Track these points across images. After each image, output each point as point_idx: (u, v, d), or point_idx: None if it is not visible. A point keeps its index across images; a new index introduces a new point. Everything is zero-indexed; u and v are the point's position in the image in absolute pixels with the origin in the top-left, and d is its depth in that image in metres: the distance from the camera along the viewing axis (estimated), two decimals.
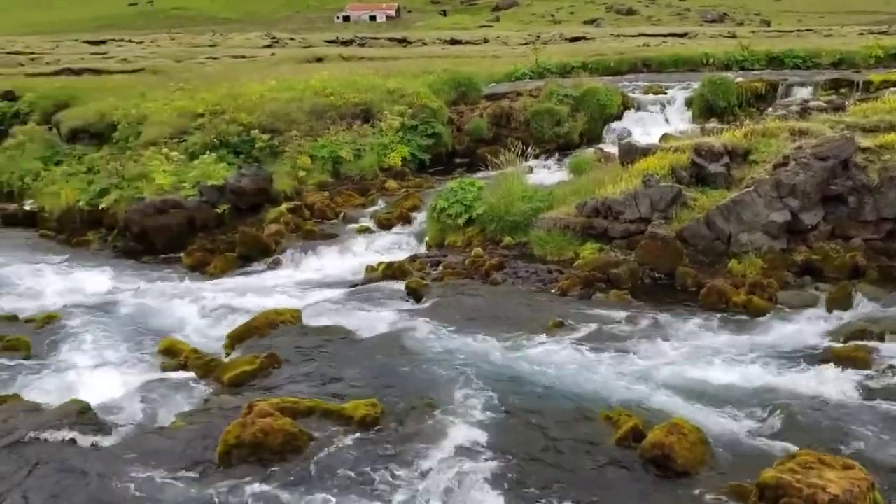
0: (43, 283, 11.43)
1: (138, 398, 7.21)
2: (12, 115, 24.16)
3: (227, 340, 8.56)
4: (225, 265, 11.88)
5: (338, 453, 6.11)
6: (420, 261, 11.08)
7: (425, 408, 6.75)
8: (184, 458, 6.06)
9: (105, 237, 13.97)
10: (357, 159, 16.01)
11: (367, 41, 57.57)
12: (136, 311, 10.00)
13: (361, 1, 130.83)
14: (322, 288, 10.60)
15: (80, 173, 16.02)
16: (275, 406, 6.42)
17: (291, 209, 13.61)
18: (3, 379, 7.81)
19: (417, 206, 13.42)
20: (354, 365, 7.70)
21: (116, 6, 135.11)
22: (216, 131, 15.76)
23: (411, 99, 18.00)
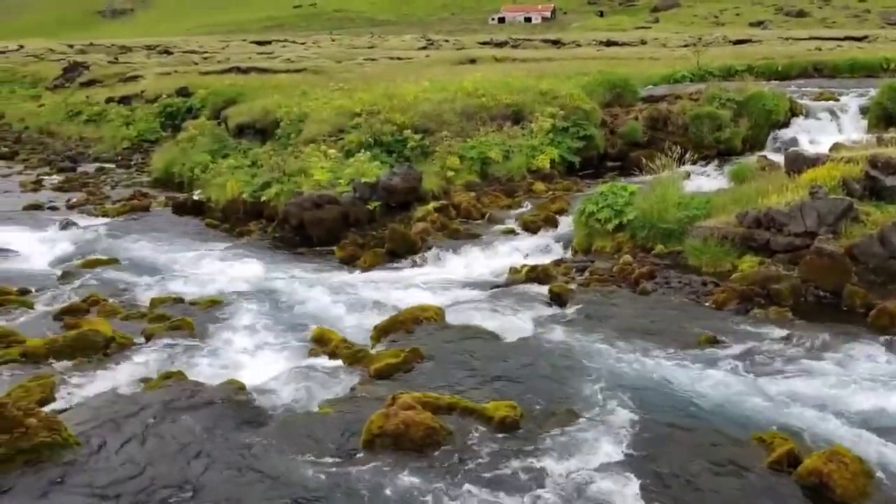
0: (207, 269, 12.18)
1: (289, 382, 7.52)
2: (186, 111, 26.05)
3: (373, 332, 8.78)
4: (374, 260, 12.19)
5: (475, 452, 6.12)
6: (565, 265, 10.92)
7: (565, 415, 6.64)
8: (329, 443, 6.26)
9: (265, 228, 14.67)
10: (505, 160, 16.01)
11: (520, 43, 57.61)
12: (291, 299, 10.44)
13: (517, 2, 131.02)
14: (465, 287, 10.66)
15: (244, 167, 16.93)
16: (417, 400, 6.51)
17: (438, 208, 13.80)
18: (169, 356, 8.35)
19: (565, 210, 13.25)
20: (495, 366, 7.68)
21: (282, 8, 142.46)
22: (371, 130, 16.23)
23: (564, 100, 17.80)
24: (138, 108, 28.54)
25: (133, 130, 26.69)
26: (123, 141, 26.30)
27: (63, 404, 7.16)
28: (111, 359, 8.28)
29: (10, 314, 10.07)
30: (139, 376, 7.79)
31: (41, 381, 7.45)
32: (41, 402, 6.93)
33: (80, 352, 8.30)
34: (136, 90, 31.25)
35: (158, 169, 20.65)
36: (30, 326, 9.48)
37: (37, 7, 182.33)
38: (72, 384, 7.62)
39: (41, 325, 9.58)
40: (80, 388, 7.53)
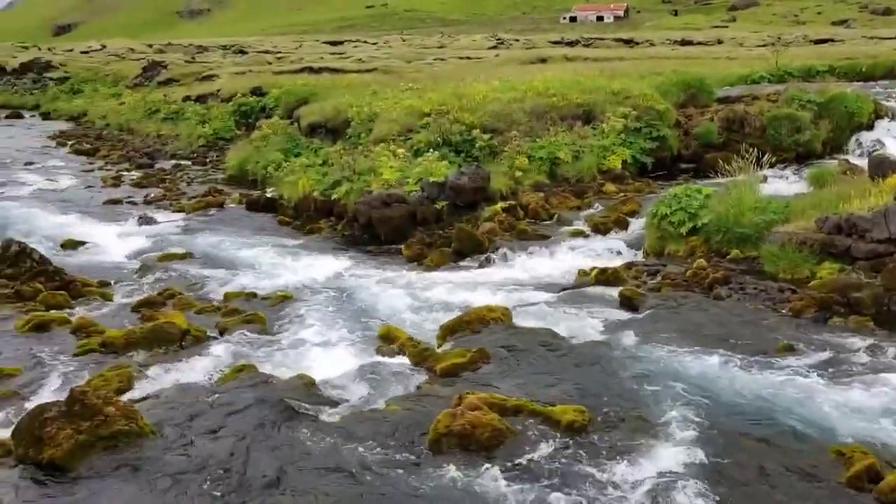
0: (279, 265, 12.40)
1: (357, 378, 7.60)
2: (259, 110, 26.56)
3: (439, 331, 8.79)
4: (440, 259, 12.21)
5: (542, 455, 6.06)
6: (636, 268, 10.73)
7: (634, 421, 6.52)
8: (396, 440, 6.29)
9: (335, 226, 14.86)
10: (575, 161, 15.83)
11: (592, 42, 57.02)
12: (358, 295, 10.55)
13: (589, 1, 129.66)
14: (532, 288, 10.58)
15: (315, 165, 17.17)
16: (483, 400, 6.48)
17: (506, 208, 13.73)
18: (242, 349, 8.54)
19: (636, 212, 13.02)
20: (562, 369, 7.60)
21: (354, 8, 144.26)
22: (440, 130, 16.27)
23: (636, 100, 17.50)
24: (214, 107, 29.25)
25: (209, 129, 27.36)
26: (199, 139, 26.99)
27: (139, 394, 7.39)
28: (186, 351, 8.52)
29: (91, 305, 10.46)
30: (212, 368, 7.99)
31: (119, 371, 7.71)
32: (119, 392, 7.17)
33: (156, 343, 8.56)
34: (211, 89, 32.05)
35: (233, 166, 21.12)
36: (109, 317, 9.83)
37: (122, 8, 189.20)
38: (148, 375, 7.86)
39: (119, 316, 9.92)
40: (155, 379, 7.77)
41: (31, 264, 11.54)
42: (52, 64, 56.92)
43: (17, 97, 52.74)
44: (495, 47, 55.47)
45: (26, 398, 7.35)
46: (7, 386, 7.59)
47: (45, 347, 8.67)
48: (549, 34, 78.45)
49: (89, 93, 48.28)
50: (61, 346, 8.70)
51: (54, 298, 10.31)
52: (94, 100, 44.39)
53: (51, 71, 55.65)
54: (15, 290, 10.62)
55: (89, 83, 51.35)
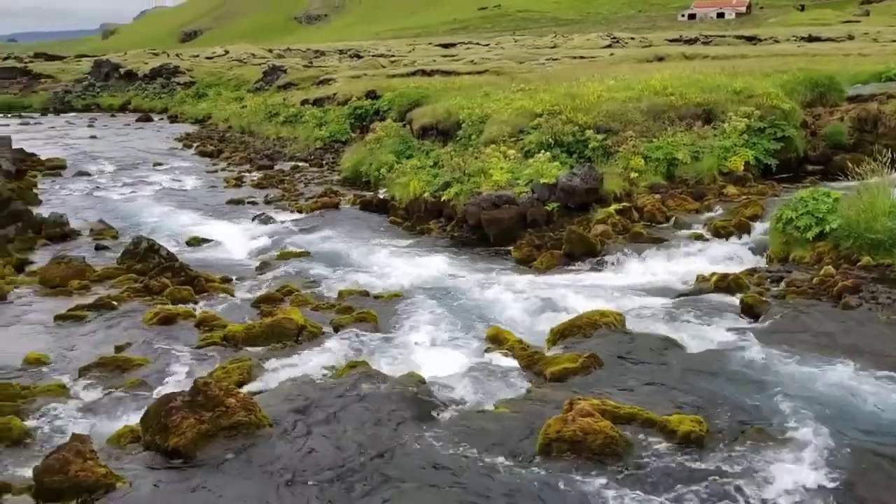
0: (390, 264, 12.58)
1: (466, 379, 7.60)
2: (373, 113, 27.13)
3: (549, 335, 8.66)
4: (550, 261, 12.06)
5: (657, 466, 5.86)
6: (759, 275, 10.24)
7: (756, 435, 6.20)
8: (504, 444, 6.23)
9: (444, 227, 14.95)
10: (694, 162, 15.29)
11: (712, 39, 55.15)
12: (468, 296, 10.55)
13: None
14: (647, 294, 10.27)
15: (426, 167, 17.34)
16: (595, 407, 6.33)
17: (620, 210, 13.40)
18: (355, 346, 8.71)
19: (758, 216, 12.43)
20: (678, 378, 7.33)
21: (468, 11, 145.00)
22: (552, 131, 16.07)
23: (760, 100, 16.74)
24: (330, 110, 30.09)
25: (325, 131, 28.16)
26: (316, 141, 27.82)
27: (258, 387, 7.64)
28: (302, 346, 8.76)
29: (214, 300, 10.92)
30: (327, 364, 8.18)
31: (240, 364, 8.01)
32: (239, 384, 7.43)
33: (274, 338, 8.84)
34: (328, 93, 32.97)
35: (347, 168, 21.64)
36: (230, 312, 10.24)
37: (244, 15, 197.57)
38: (266, 368, 8.13)
39: (240, 311, 10.32)
40: (273, 373, 8.02)
41: (158, 260, 12.20)
42: (179, 69, 60.14)
43: (147, 101, 56.08)
44: (610, 46, 54.51)
45: (153, 388, 7.74)
46: (135, 376, 8.02)
47: (171, 340, 9.12)
48: (667, 32, 76.37)
49: (213, 96, 50.72)
50: (186, 339, 9.13)
51: (180, 293, 10.83)
52: (217, 103, 46.57)
53: (178, 76, 58.82)
54: (144, 285, 11.23)
55: (213, 87, 53.95)
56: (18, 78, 63.26)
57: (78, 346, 9.09)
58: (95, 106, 57.56)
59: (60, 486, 5.54)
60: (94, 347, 8.98)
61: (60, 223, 15.26)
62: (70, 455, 5.68)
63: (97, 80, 61.81)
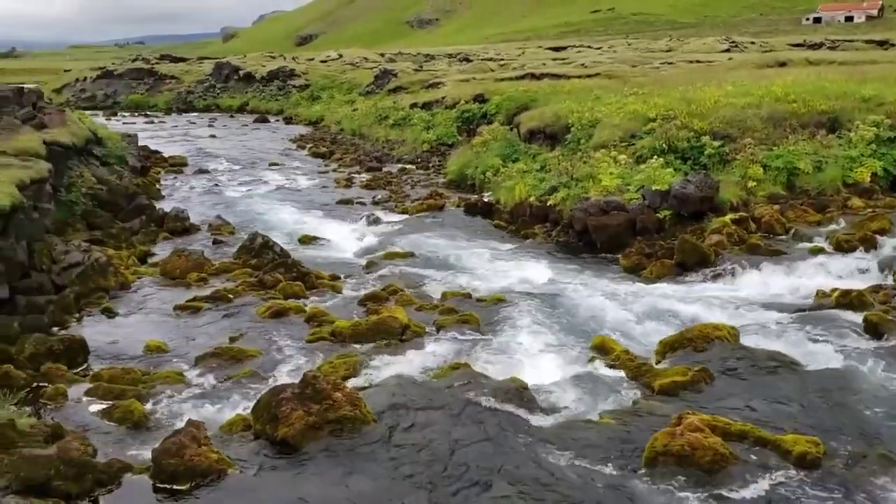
0: (493, 268, 12.58)
1: (570, 387, 7.50)
2: (481, 116, 27.19)
3: (658, 347, 8.42)
4: (661, 271, 11.73)
5: (768, 486, 5.63)
6: (885, 292, 9.63)
7: (877, 459, 5.87)
8: (609, 454, 6.11)
9: (549, 231, 14.81)
10: (816, 172, 14.54)
11: (839, 44, 52.52)
12: (572, 303, 10.41)
13: (837, 0, 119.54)
14: (763, 308, 9.84)
15: (532, 171, 17.23)
16: (705, 422, 6.12)
17: (736, 220, 12.88)
18: (457, 347, 8.75)
19: (886, 230, 11.70)
20: (794, 397, 7.00)
21: (580, 14, 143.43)
22: (666, 136, 15.65)
23: (891, 107, 15.79)
24: (438, 113, 30.36)
25: (432, 134, 28.45)
26: (423, 144, 28.14)
27: (363, 382, 7.79)
28: (406, 345, 8.87)
29: (323, 297, 11.20)
30: (430, 364, 8.25)
31: (346, 360, 8.18)
32: (345, 378, 7.59)
33: (379, 336, 8.99)
34: (437, 96, 33.28)
35: (453, 171, 21.79)
36: (338, 309, 10.48)
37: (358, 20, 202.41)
38: (371, 365, 8.27)
39: (347, 308, 10.54)
40: (377, 370, 8.15)
41: (272, 256, 12.62)
42: (294, 72, 62.11)
43: (264, 102, 58.21)
44: (728, 50, 52.70)
45: (264, 378, 8.01)
46: (248, 366, 8.31)
47: (282, 333, 9.41)
48: (790, 36, 73.17)
49: (326, 99, 52.15)
50: (296, 333, 9.40)
51: (291, 288, 11.16)
52: (330, 106, 47.83)
53: (293, 79, 60.77)
54: (258, 279, 11.64)
55: (326, 90, 55.47)
56: (145, 79, 66.88)
57: (195, 336, 9.50)
58: (215, 106, 60.20)
59: (176, 468, 5.80)
60: (210, 338, 9.37)
61: (181, 218, 16.01)
62: (186, 440, 5.94)
63: (217, 82, 64.67)
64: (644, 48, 60.04)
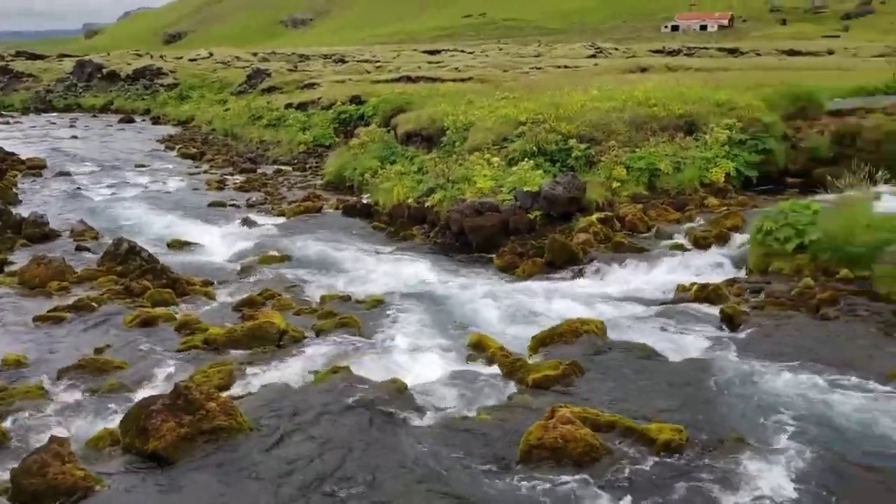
0: (373, 270, 12.59)
1: (448, 385, 7.61)
2: (358, 118, 27.13)
3: (531, 342, 8.69)
4: (532, 269, 12.12)
5: (636, 474, 5.90)
6: (739, 286, 10.34)
7: (735, 444, 6.26)
8: (486, 451, 6.25)
9: (427, 233, 14.97)
10: (676, 172, 15.42)
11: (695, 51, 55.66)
12: (450, 303, 10.58)
13: (693, 10, 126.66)
14: (627, 302, 10.35)
15: (410, 173, 17.36)
16: (576, 414, 6.37)
17: (602, 219, 13.48)
18: (337, 351, 8.69)
19: (739, 227, 12.55)
20: (658, 387, 7.39)
21: (453, 18, 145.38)
22: (535, 139, 16.16)
23: (741, 112, 16.94)
24: (314, 114, 30.02)
25: (309, 135, 28.11)
26: (300, 145, 27.75)
27: (239, 391, 7.62)
28: (284, 351, 8.74)
29: (195, 304, 10.87)
30: (308, 369, 8.17)
31: (220, 368, 7.97)
32: (220, 388, 7.40)
33: (255, 342, 8.82)
34: (312, 97, 32.89)
35: (331, 173, 21.62)
36: (211, 315, 10.20)
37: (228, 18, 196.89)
38: (247, 373, 8.10)
39: (221, 315, 10.27)
40: (254, 377, 7.99)
41: (139, 262, 12.12)
42: (162, 71, 59.73)
43: (129, 102, 55.63)
44: (594, 56, 54.84)
45: (133, 391, 7.69)
46: (115, 378, 7.96)
47: (152, 343, 9.06)
48: (650, 43, 76.94)
49: (196, 99, 50.45)
50: (166, 342, 9.08)
51: (161, 296, 10.76)
52: (200, 105, 46.33)
53: (161, 77, 58.40)
54: (124, 287, 11.15)
55: (197, 89, 53.65)
56: None
57: (57, 348, 9.01)
58: (77, 106, 57.01)
59: (38, 488, 5.49)
60: (73, 349, 8.90)
61: (40, 223, 15.11)
62: (48, 457, 5.63)
63: (79, 81, 61.28)
64: (515, 53, 61.56)
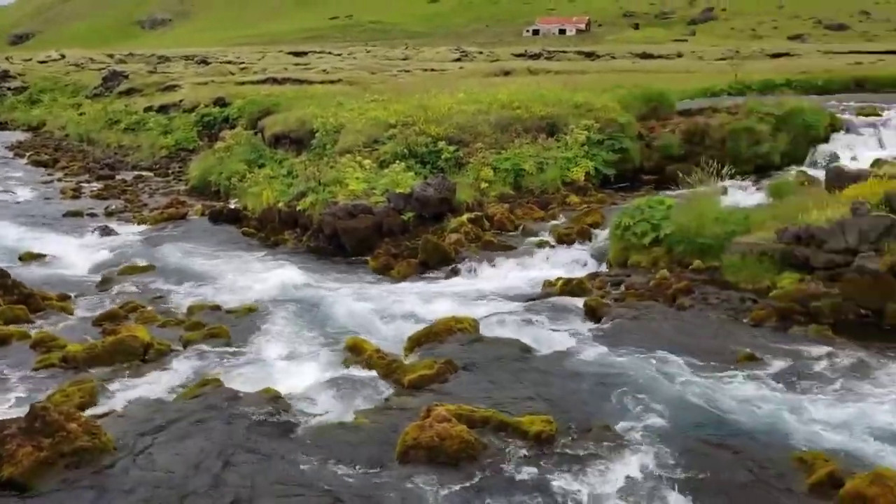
0: (243, 277, 12.29)
1: (324, 391, 7.57)
2: (222, 120, 26.36)
3: (406, 343, 8.78)
4: (407, 270, 12.22)
5: (510, 466, 6.08)
6: (600, 279, 10.84)
7: (601, 430, 6.57)
8: (363, 453, 6.27)
9: (300, 237, 14.78)
10: (540, 172, 15.97)
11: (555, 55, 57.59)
12: (325, 308, 10.49)
13: (552, 14, 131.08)
14: (499, 299, 10.63)
15: (280, 176, 17.08)
16: (452, 412, 6.49)
17: (472, 219, 13.77)
18: (207, 363, 8.45)
19: (599, 223, 13.15)
20: (529, 379, 7.65)
21: (319, 20, 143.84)
22: (406, 142, 16.30)
23: (599, 113, 17.74)
24: (176, 118, 28.94)
25: (171, 139, 27.09)
26: (161, 150, 26.69)
27: (103, 409, 7.26)
28: (150, 365, 8.40)
29: (51, 319, 10.26)
30: (177, 383, 7.90)
31: (81, 386, 7.57)
32: (81, 407, 7.03)
33: (119, 358, 8.43)
34: (174, 100, 31.68)
35: (195, 178, 20.92)
36: (70, 332, 9.66)
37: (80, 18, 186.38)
38: (111, 390, 7.73)
39: (81, 330, 9.75)
40: (119, 394, 7.64)
41: None
42: (9, 73, 55.84)
43: None
44: (459, 59, 55.71)
45: None
46: None
47: (4, 363, 8.50)
48: (513, 47, 79.06)
49: (48, 103, 47.44)
50: (20, 361, 8.53)
51: (13, 312, 10.09)
52: (52, 109, 43.63)
53: (8, 80, 54.55)
54: None
55: (48, 93, 50.44)
56: None
57: None
58: None
59: None
60: None
61: None
62: None
63: None
64: (382, 55, 61.67)
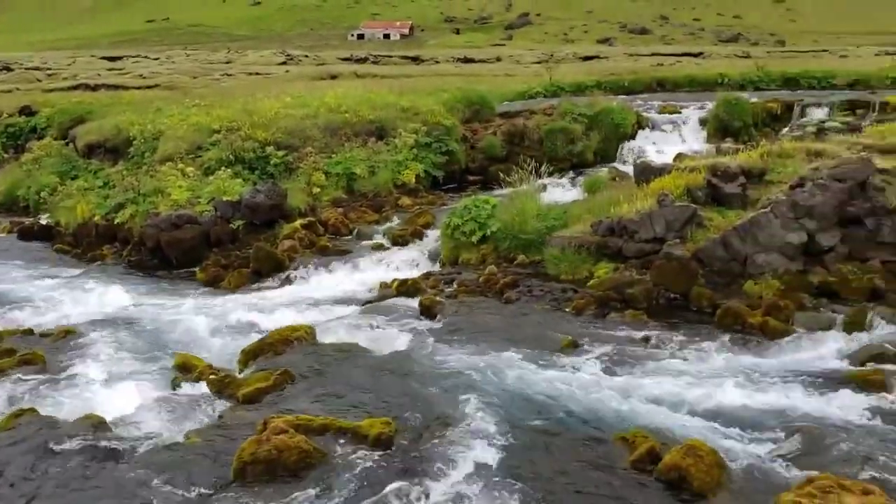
0: (59, 298, 11.50)
1: (153, 413, 7.24)
2: (29, 130, 24.44)
3: (241, 356, 8.55)
4: (239, 280, 11.91)
5: (352, 472, 6.08)
6: (434, 278, 11.08)
7: (439, 427, 6.72)
8: (198, 474, 6.05)
9: (120, 252, 14.04)
10: (371, 176, 16.06)
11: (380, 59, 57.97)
12: (151, 325, 10.03)
13: (376, 19, 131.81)
14: (335, 304, 10.61)
15: (95, 188, 16.13)
16: (289, 423, 6.40)
17: (305, 225, 13.64)
18: (20, 393, 7.85)
19: (431, 224, 13.43)
20: (368, 382, 7.68)
21: (134, 23, 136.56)
22: (231, 147, 15.84)
23: (425, 117, 18.07)
24: None
25: None
26: None
27: None
28: None
29: None
30: None
31: None
32: None
33: None
34: None
35: (1, 193, 19.33)
36: None
37: None
38: None
39: None
40: None
41: None
42: None
43: None
44: (285, 63, 54.80)
45: None
46: None
47: None
48: (338, 51, 78.78)
49: None
50: None
51: None
52: None
53: None
54: None
55: None
56: None
57: None
58: None
59: None
60: None
61: None
62: None
63: None
64: (204, 59, 59.55)
